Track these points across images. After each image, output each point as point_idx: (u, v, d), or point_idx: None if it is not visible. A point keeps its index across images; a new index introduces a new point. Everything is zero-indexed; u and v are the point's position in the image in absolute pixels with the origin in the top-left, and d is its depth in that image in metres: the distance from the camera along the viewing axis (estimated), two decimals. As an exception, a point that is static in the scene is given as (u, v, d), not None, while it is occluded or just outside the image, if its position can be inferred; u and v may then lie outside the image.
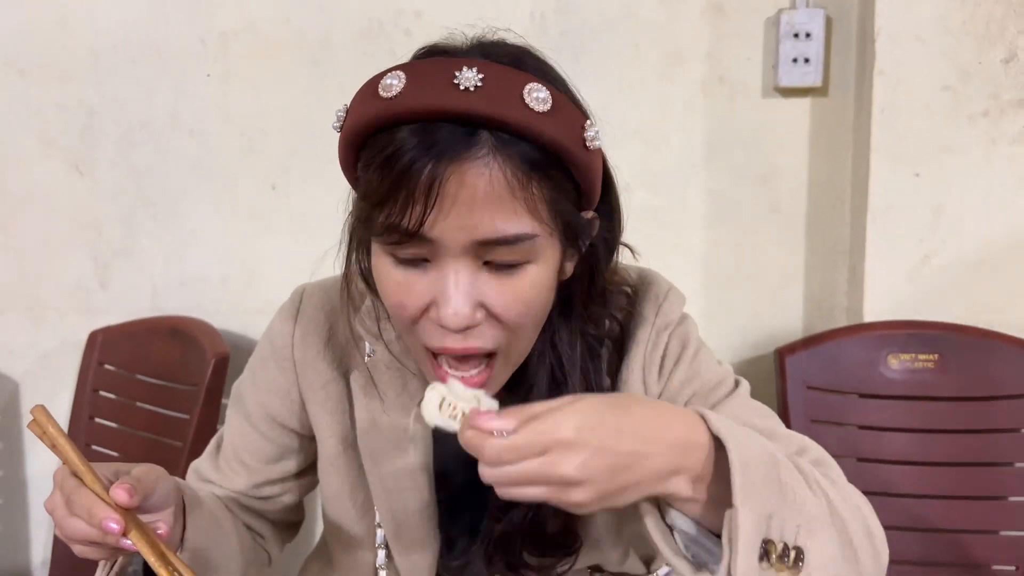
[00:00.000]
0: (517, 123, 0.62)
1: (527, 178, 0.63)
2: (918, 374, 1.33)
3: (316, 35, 1.57)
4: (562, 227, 0.67)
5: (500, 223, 0.63)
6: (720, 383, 0.82)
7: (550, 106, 0.63)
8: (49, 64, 1.66)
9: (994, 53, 1.31)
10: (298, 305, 0.86)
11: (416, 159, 0.61)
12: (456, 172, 0.61)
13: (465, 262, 0.65)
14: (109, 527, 0.63)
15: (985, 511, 1.31)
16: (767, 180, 1.50)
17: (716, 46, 1.47)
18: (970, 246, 1.36)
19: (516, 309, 0.67)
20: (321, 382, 0.83)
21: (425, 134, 0.61)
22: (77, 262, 1.72)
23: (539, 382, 0.75)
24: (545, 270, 0.68)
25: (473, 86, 0.61)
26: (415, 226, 0.62)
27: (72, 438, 1.58)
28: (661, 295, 0.83)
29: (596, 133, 0.67)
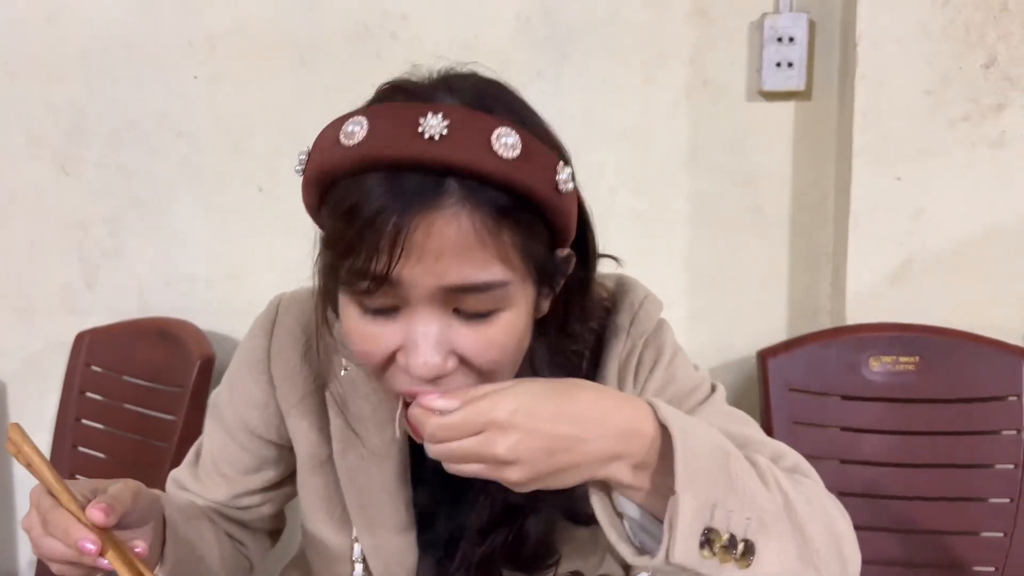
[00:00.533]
0: (485, 172, 0.59)
1: (497, 226, 0.61)
2: (899, 376, 1.34)
3: (303, 37, 1.57)
4: (535, 271, 0.66)
5: (470, 271, 0.61)
6: (696, 388, 0.82)
7: (520, 151, 0.60)
8: (37, 63, 1.66)
9: (974, 58, 1.32)
10: (274, 317, 0.84)
11: (382, 209, 0.59)
12: (424, 222, 0.59)
13: (435, 309, 0.63)
14: (85, 547, 0.62)
15: (966, 512, 1.32)
16: (751, 183, 1.50)
17: (700, 50, 1.48)
18: (951, 249, 1.37)
19: (489, 356, 0.65)
20: (297, 396, 0.82)
21: (391, 183, 0.59)
22: (64, 262, 1.72)
23: None
24: (519, 315, 0.66)
25: (438, 135, 0.59)
26: (381, 274, 0.60)
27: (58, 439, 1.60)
28: (637, 303, 0.82)
29: (569, 175, 0.65)
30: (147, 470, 1.47)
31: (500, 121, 0.61)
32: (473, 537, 0.79)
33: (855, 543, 0.70)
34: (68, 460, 1.61)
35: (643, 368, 0.81)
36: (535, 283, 0.67)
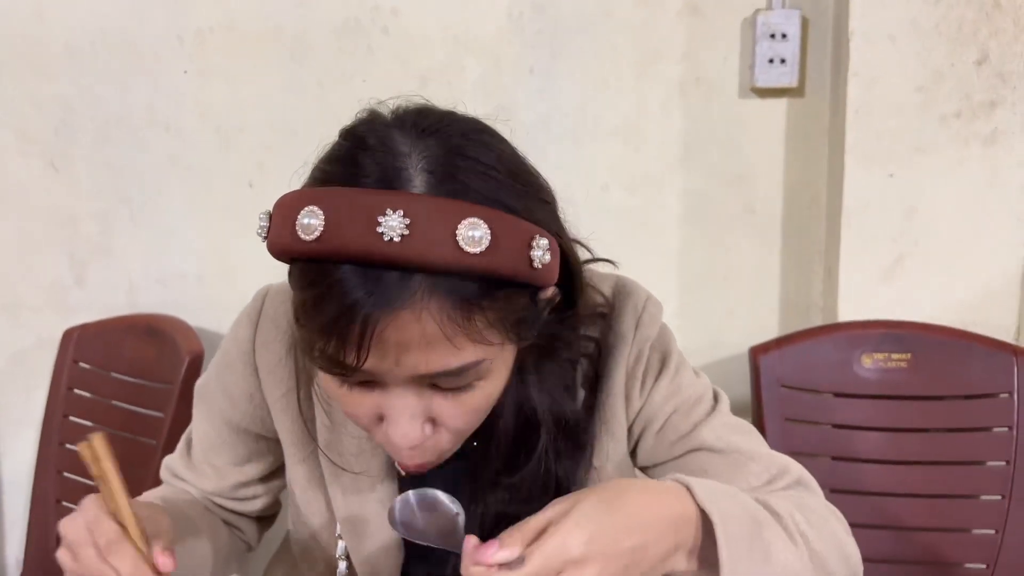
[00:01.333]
0: (450, 269, 0.57)
1: (467, 315, 0.58)
2: (891, 373, 1.34)
3: (294, 32, 1.56)
4: (515, 332, 0.63)
5: (441, 361, 0.60)
6: (700, 399, 0.81)
7: (488, 243, 0.57)
8: (25, 59, 1.64)
9: (966, 55, 1.32)
10: (260, 308, 0.83)
11: (350, 307, 0.57)
12: (390, 321, 0.57)
13: (411, 388, 0.62)
14: None
15: (957, 509, 1.32)
16: (743, 180, 1.50)
17: (693, 46, 1.48)
18: (942, 246, 1.37)
19: (466, 419, 0.66)
20: (282, 390, 0.81)
21: (356, 278, 0.57)
22: (53, 259, 1.71)
23: (506, 416, 0.74)
24: (498, 379, 0.66)
25: (399, 236, 0.55)
26: (352, 365, 0.59)
27: (46, 436, 1.57)
28: (639, 307, 0.81)
29: (544, 247, 0.61)
30: (135, 467, 1.46)
31: (466, 211, 0.57)
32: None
33: (859, 555, 0.75)
34: (55, 457, 1.60)
35: (649, 374, 0.81)
36: (516, 341, 0.65)
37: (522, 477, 0.74)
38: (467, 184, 0.59)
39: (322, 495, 0.83)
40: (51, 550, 1.58)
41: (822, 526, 0.71)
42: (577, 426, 0.77)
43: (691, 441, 0.79)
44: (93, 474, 0.64)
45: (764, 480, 0.78)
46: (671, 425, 0.80)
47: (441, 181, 0.58)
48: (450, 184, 0.58)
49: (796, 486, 0.78)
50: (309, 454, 0.82)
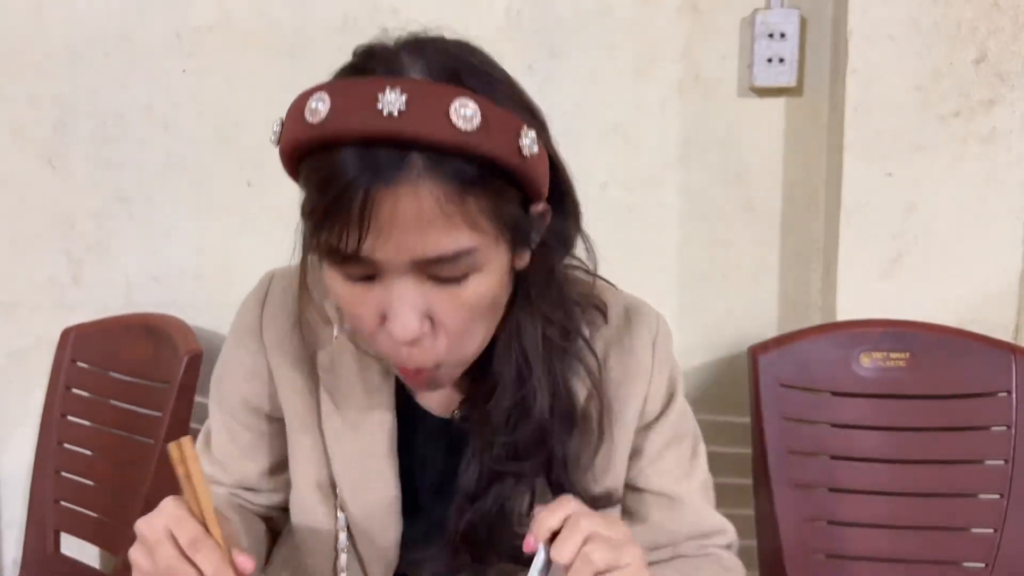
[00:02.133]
0: (444, 144, 0.60)
1: (460, 196, 0.62)
2: (890, 372, 1.34)
3: (292, 30, 1.56)
4: (508, 232, 0.67)
5: (437, 243, 0.63)
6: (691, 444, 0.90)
7: (479, 121, 0.61)
8: (22, 56, 1.64)
9: (965, 54, 1.32)
10: (266, 288, 0.87)
11: (348, 184, 0.61)
12: (389, 196, 0.60)
13: (410, 278, 0.65)
14: None
15: (955, 508, 1.32)
16: (742, 179, 1.50)
17: (691, 45, 1.48)
18: (942, 244, 1.37)
19: (461, 317, 0.68)
20: (288, 363, 0.84)
21: (356, 158, 0.61)
22: (50, 257, 1.70)
23: (505, 374, 0.77)
24: (490, 276, 0.68)
25: (397, 111, 0.59)
26: (352, 250, 0.62)
27: (44, 435, 1.57)
28: (654, 324, 0.86)
29: (533, 138, 0.65)
30: (133, 467, 1.46)
31: (459, 92, 0.61)
32: (461, 504, 0.80)
33: None
34: (53, 457, 1.59)
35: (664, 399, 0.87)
36: (509, 243, 0.69)
37: (518, 438, 0.77)
38: (461, 79, 0.64)
39: (324, 466, 0.84)
40: (49, 550, 1.58)
41: None
42: (571, 398, 0.79)
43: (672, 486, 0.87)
44: (178, 473, 0.66)
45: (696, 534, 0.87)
46: (663, 459, 0.87)
47: (438, 73, 0.64)
48: (444, 73, 0.64)
49: (726, 548, 0.88)
50: (314, 425, 0.84)
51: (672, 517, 0.86)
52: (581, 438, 0.80)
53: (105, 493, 1.53)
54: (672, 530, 0.86)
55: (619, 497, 0.85)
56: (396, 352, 0.69)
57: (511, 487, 0.78)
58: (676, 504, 0.86)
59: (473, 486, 0.78)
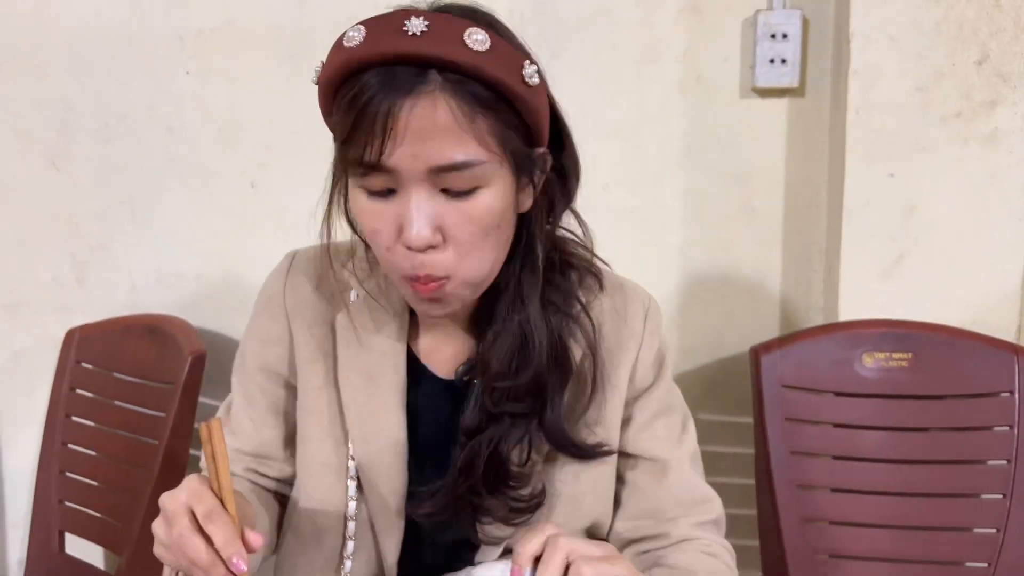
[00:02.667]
0: (459, 62, 0.69)
1: (472, 111, 0.70)
2: (892, 373, 1.34)
3: (294, 31, 1.56)
4: (512, 158, 0.75)
5: (450, 151, 0.71)
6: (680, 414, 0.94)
7: (488, 47, 0.70)
8: (25, 58, 1.65)
9: (967, 55, 1.32)
10: (290, 262, 0.94)
11: (373, 97, 0.69)
12: (408, 107, 0.69)
13: (424, 188, 0.73)
14: (239, 567, 0.68)
15: (958, 508, 1.32)
16: (743, 180, 1.50)
17: (693, 46, 1.48)
18: (943, 245, 1.37)
19: (468, 230, 0.75)
20: (307, 325, 0.91)
21: (381, 75, 0.70)
22: (54, 259, 1.71)
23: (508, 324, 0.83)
24: (497, 195, 0.75)
25: (419, 31, 0.69)
26: (375, 157, 0.70)
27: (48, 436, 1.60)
28: (647, 299, 0.93)
29: (535, 71, 0.74)
30: (137, 467, 1.47)
31: (472, 23, 0.71)
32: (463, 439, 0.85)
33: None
34: (58, 457, 1.60)
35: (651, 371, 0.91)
36: (513, 170, 0.76)
37: (517, 383, 0.83)
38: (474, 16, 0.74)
39: (338, 420, 0.89)
40: (53, 550, 1.58)
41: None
42: (568, 352, 0.85)
43: (661, 451, 0.91)
44: (205, 452, 0.71)
45: (684, 502, 0.90)
46: (652, 427, 0.91)
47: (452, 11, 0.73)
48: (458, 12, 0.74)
49: (712, 524, 0.91)
50: (330, 381, 0.90)
51: (662, 483, 0.90)
52: (575, 389, 0.86)
53: (109, 493, 1.54)
54: (661, 496, 0.89)
55: (612, 450, 0.89)
56: (411, 262, 0.75)
57: (508, 427, 0.84)
58: (666, 469, 0.90)
59: (474, 424, 0.84)
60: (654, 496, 0.90)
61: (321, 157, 1.69)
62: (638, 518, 0.90)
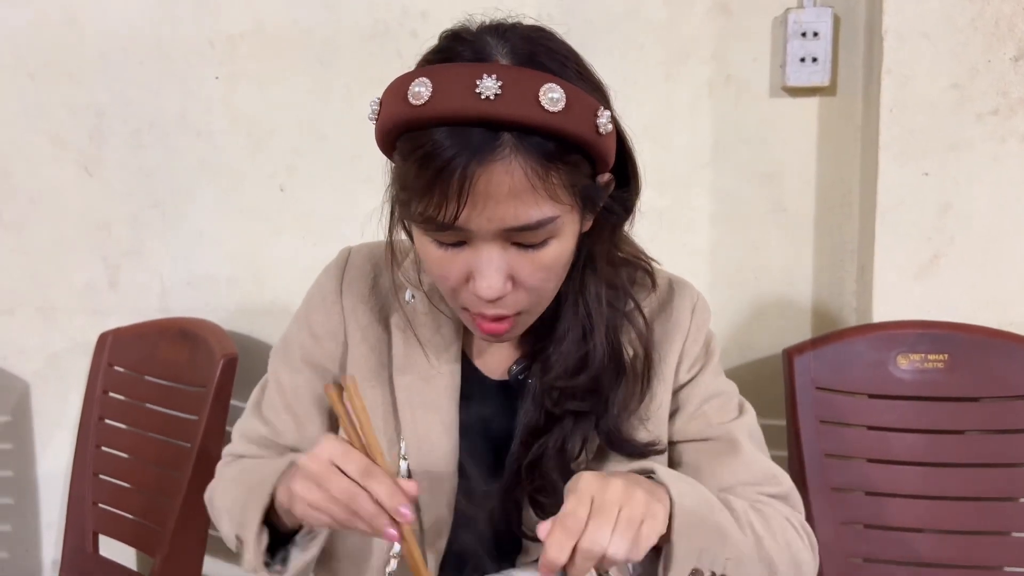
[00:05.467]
0: (535, 125, 0.68)
1: (545, 170, 0.69)
2: (928, 374, 1.32)
3: (322, 36, 1.57)
4: (581, 201, 0.75)
5: (524, 213, 0.70)
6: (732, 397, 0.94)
7: (564, 104, 0.68)
8: (58, 65, 1.67)
9: (1003, 51, 1.30)
10: (346, 258, 0.94)
11: (449, 161, 0.67)
12: (484, 172, 0.68)
13: (496, 244, 0.73)
14: (406, 515, 0.69)
15: (996, 512, 1.30)
16: (774, 180, 1.49)
17: (722, 46, 1.47)
18: (979, 245, 1.35)
19: (539, 276, 0.76)
20: (364, 323, 0.91)
21: (455, 137, 0.68)
22: (86, 263, 1.73)
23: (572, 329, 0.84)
24: (565, 241, 0.76)
25: (493, 95, 0.67)
26: (450, 220, 0.70)
27: (82, 439, 1.62)
28: (695, 295, 0.94)
29: (608, 117, 0.72)
30: (169, 470, 1.48)
31: (546, 77, 0.69)
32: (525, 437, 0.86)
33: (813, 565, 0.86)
34: (91, 459, 1.62)
35: (699, 359, 0.92)
36: (581, 211, 0.76)
37: (576, 384, 0.83)
38: (544, 63, 0.71)
39: (392, 417, 0.89)
40: (87, 551, 1.60)
41: (777, 532, 0.82)
42: (622, 351, 0.86)
43: (716, 431, 0.90)
44: (338, 412, 0.72)
45: (749, 480, 0.88)
46: (703, 413, 0.91)
47: (523, 58, 0.70)
48: (530, 61, 0.70)
49: (780, 498, 0.89)
50: (385, 379, 0.90)
51: (721, 460, 0.89)
52: (628, 387, 0.86)
53: (142, 495, 1.55)
54: (723, 475, 0.88)
55: (663, 447, 0.89)
56: (479, 306, 0.76)
57: (570, 427, 0.84)
58: (722, 446, 0.89)
59: (536, 425, 0.85)
60: (714, 475, 0.88)
61: (349, 161, 1.71)
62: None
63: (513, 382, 0.89)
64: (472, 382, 0.90)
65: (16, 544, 1.84)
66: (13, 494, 1.83)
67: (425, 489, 0.88)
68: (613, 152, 0.76)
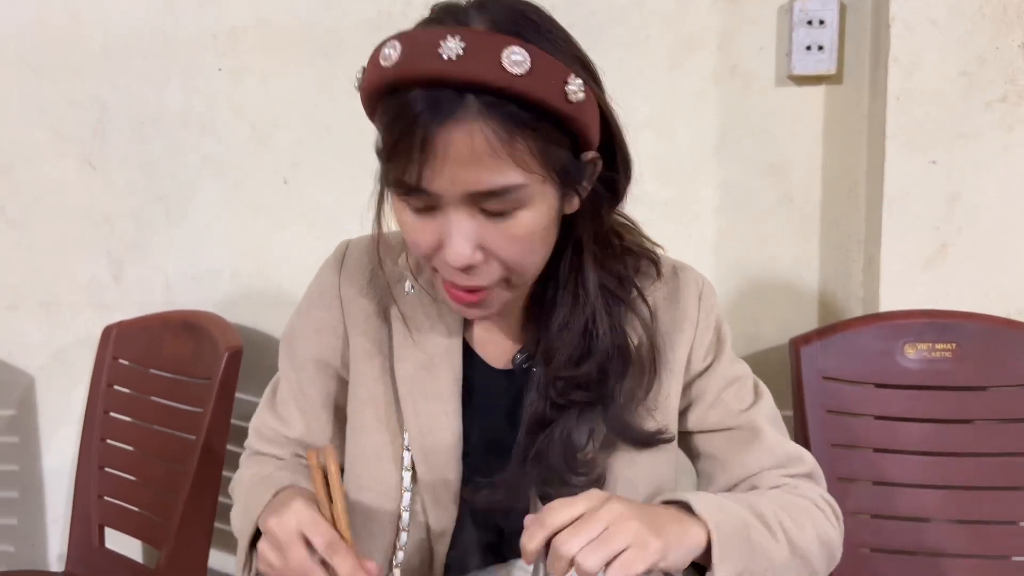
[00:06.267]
0: (495, 86, 0.67)
1: (510, 135, 0.68)
2: (935, 364, 1.31)
3: (325, 28, 1.57)
4: (557, 175, 0.73)
5: (487, 178, 0.69)
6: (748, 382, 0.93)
7: (528, 67, 0.67)
8: (61, 60, 1.67)
9: (1012, 38, 1.29)
10: (344, 251, 0.94)
11: (412, 121, 0.68)
12: (444, 132, 0.68)
13: (464, 210, 0.72)
14: None
15: (1003, 501, 1.30)
16: (780, 170, 1.48)
17: (727, 35, 1.46)
18: (987, 234, 1.35)
19: (511, 249, 0.74)
20: (363, 315, 0.91)
21: (422, 99, 0.68)
22: (90, 257, 1.73)
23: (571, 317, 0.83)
24: (538, 214, 0.74)
25: (456, 55, 0.66)
26: (414, 181, 0.70)
27: (87, 432, 1.61)
28: (700, 280, 0.93)
29: (579, 85, 0.70)
30: (175, 463, 1.48)
31: (512, 40, 0.68)
32: (531, 427, 0.85)
33: (839, 535, 0.88)
34: (97, 453, 1.62)
35: (711, 347, 0.91)
36: (557, 185, 0.74)
37: (580, 374, 0.83)
38: (515, 29, 0.70)
39: (394, 409, 0.89)
40: (93, 544, 1.60)
41: (806, 524, 0.83)
42: (627, 340, 0.85)
43: (737, 419, 0.90)
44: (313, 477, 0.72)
45: (773, 464, 0.88)
46: (722, 401, 0.91)
47: (499, 25, 0.70)
48: (501, 26, 0.70)
49: (805, 477, 0.89)
50: (386, 371, 0.90)
51: (744, 448, 0.89)
52: (634, 376, 0.85)
53: (148, 488, 1.55)
54: (747, 461, 0.89)
55: (671, 436, 0.89)
56: (453, 275, 0.76)
57: (575, 417, 0.84)
58: (745, 434, 0.89)
59: (541, 415, 0.84)
60: (739, 463, 0.89)
61: (353, 154, 1.70)
62: (728, 487, 0.90)
63: (517, 371, 0.89)
64: (475, 371, 0.90)
65: (22, 538, 1.84)
66: (19, 488, 1.83)
67: (430, 480, 0.88)
68: (594, 128, 0.75)
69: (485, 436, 0.89)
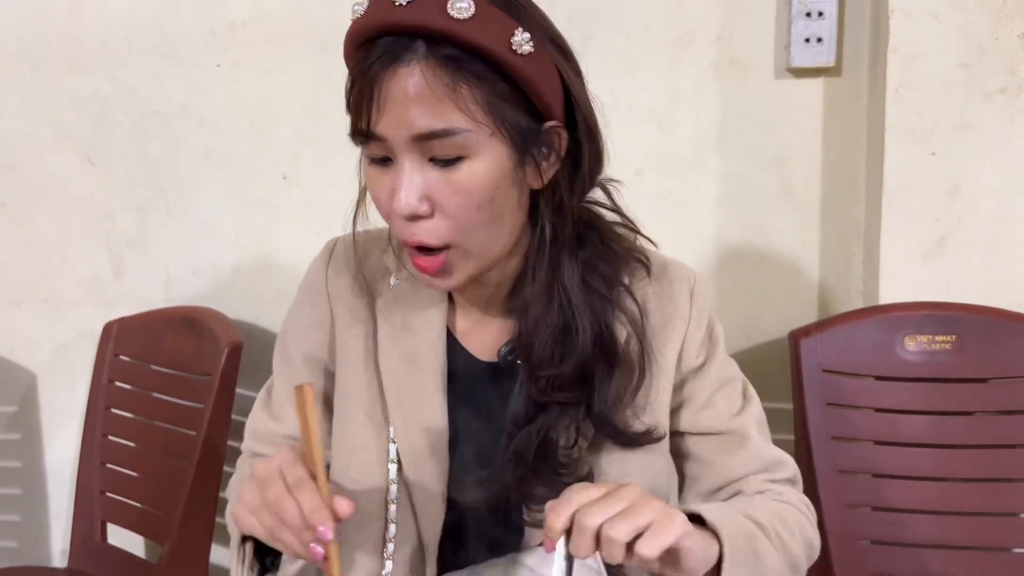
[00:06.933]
0: (438, 29, 0.70)
1: (453, 79, 0.71)
2: (935, 356, 1.31)
3: (324, 22, 1.57)
4: (508, 131, 0.74)
5: (427, 118, 0.72)
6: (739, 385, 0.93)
7: (472, 13, 0.70)
8: (61, 55, 1.66)
9: (1011, 28, 1.29)
10: (331, 249, 0.95)
11: (364, 68, 0.72)
12: (390, 75, 0.71)
13: (413, 157, 0.74)
14: (325, 534, 0.69)
15: (1004, 493, 1.30)
16: (780, 162, 1.48)
17: (727, 27, 1.46)
18: (987, 226, 1.34)
19: (456, 201, 0.75)
20: (349, 308, 0.92)
21: (376, 47, 0.72)
22: (92, 253, 1.73)
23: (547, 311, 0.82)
24: (485, 167, 0.75)
25: (406, 2, 0.70)
26: (366, 126, 0.73)
27: (88, 428, 1.61)
28: (692, 277, 0.91)
29: (526, 39, 0.72)
30: (176, 458, 1.48)
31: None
32: (511, 428, 0.85)
33: (817, 534, 0.89)
34: (98, 449, 1.62)
35: (703, 346, 0.90)
36: (509, 143, 0.75)
37: (562, 372, 0.82)
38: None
39: (379, 402, 0.89)
40: (96, 540, 1.61)
41: (795, 530, 0.84)
42: (613, 338, 0.84)
43: (728, 424, 0.90)
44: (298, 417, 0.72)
45: (758, 468, 0.89)
46: (714, 404, 0.91)
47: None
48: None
49: (788, 482, 0.91)
50: (371, 364, 0.90)
51: (731, 453, 0.90)
52: (622, 376, 0.85)
53: (149, 484, 1.56)
54: (733, 466, 0.89)
55: (660, 435, 0.88)
56: (406, 230, 0.77)
57: (556, 416, 0.83)
58: (733, 441, 0.90)
59: (523, 413, 0.84)
60: (726, 468, 0.89)
61: (353, 148, 1.69)
62: (712, 491, 0.90)
63: (503, 364, 0.88)
64: (461, 364, 0.89)
65: (25, 534, 1.85)
66: (21, 484, 1.83)
67: (416, 473, 0.87)
68: (550, 94, 0.76)
69: (471, 428, 0.89)
